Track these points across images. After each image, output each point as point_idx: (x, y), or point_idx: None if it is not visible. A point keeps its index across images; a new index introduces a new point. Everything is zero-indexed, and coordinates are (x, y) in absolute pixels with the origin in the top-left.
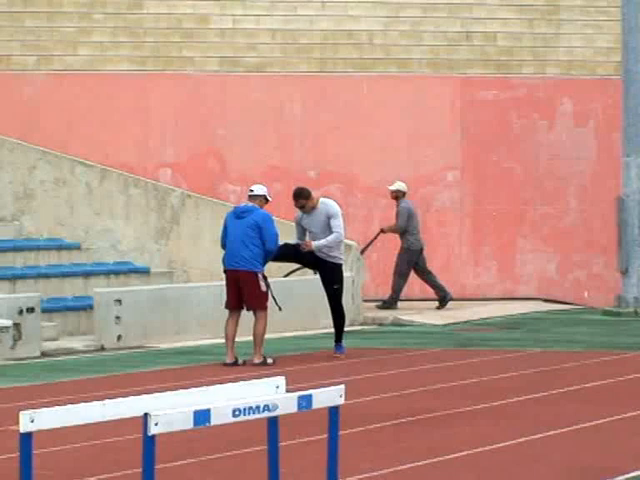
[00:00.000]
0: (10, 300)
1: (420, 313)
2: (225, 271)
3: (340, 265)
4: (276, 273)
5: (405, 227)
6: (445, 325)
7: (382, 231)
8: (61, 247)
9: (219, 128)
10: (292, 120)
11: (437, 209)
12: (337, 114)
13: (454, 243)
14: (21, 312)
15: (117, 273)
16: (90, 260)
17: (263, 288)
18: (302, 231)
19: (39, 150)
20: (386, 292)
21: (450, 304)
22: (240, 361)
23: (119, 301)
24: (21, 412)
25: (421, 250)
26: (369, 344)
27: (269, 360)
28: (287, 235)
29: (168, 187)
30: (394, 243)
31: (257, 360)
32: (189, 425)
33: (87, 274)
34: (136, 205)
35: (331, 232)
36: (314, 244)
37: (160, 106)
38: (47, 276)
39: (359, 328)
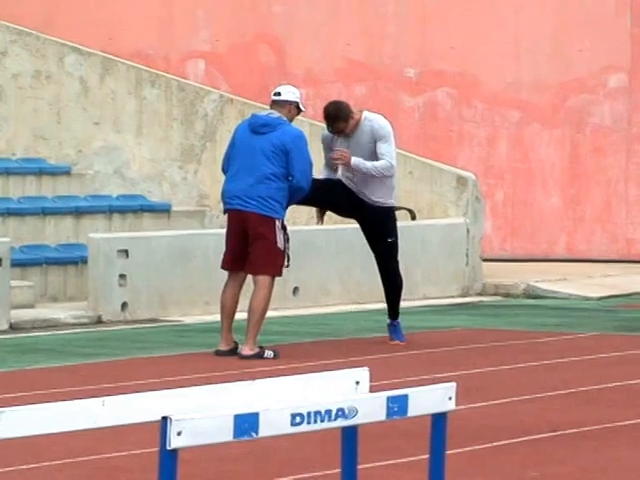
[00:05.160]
0: None
1: (565, 280)
2: (225, 212)
3: (392, 209)
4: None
5: None
6: (602, 298)
7: None
8: (42, 172)
9: (275, 3)
10: None
11: (593, 128)
12: None
13: (618, 178)
14: None
15: (123, 212)
16: (84, 192)
17: (279, 244)
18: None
19: (12, 29)
20: (517, 248)
21: (613, 269)
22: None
23: (125, 252)
24: None
25: None
26: (488, 324)
27: (268, 352)
28: None
29: (200, 87)
30: (528, 176)
31: (247, 351)
32: (227, 436)
33: (79, 212)
34: (153, 112)
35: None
36: (353, 160)
37: None
38: (20, 214)
39: (475, 299)
